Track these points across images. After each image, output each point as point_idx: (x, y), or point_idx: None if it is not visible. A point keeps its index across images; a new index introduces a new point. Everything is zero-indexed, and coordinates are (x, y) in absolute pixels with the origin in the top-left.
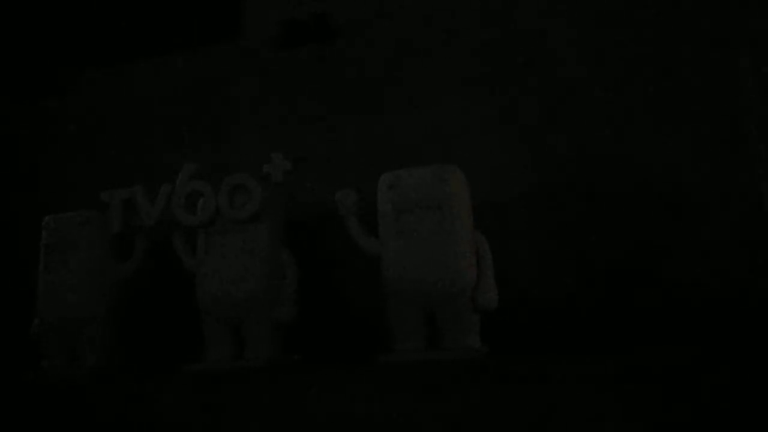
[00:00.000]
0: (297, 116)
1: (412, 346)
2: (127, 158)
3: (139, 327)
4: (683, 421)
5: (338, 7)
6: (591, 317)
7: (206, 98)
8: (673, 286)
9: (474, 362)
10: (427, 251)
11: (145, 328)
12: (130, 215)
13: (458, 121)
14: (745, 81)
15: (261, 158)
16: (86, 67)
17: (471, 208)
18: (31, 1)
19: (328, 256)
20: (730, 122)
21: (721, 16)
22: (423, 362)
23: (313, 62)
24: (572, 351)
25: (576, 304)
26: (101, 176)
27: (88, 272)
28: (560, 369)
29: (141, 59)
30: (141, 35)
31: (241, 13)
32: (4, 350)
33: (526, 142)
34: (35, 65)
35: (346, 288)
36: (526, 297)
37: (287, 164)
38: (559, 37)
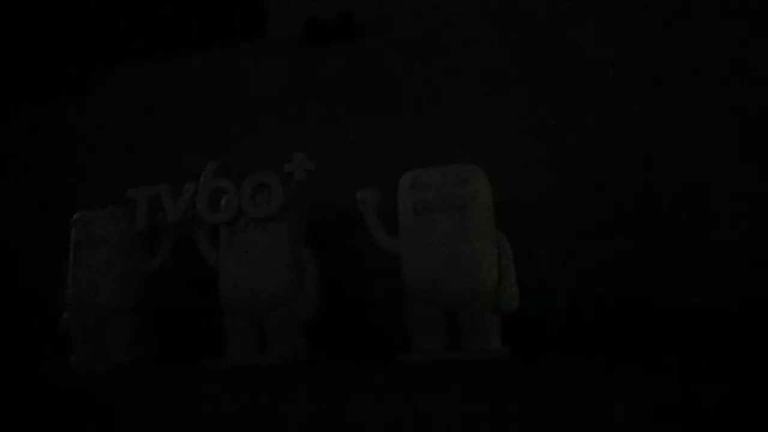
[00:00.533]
0: (319, 115)
1: (432, 346)
2: (150, 156)
3: (164, 321)
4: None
5: (361, 7)
6: (611, 318)
7: (229, 97)
8: (698, 288)
9: (494, 363)
10: (448, 251)
11: (170, 323)
12: (156, 212)
13: (479, 120)
14: None
15: (283, 157)
16: (108, 67)
17: (492, 208)
18: (57, 3)
19: (349, 254)
20: (758, 126)
21: (751, 17)
22: (442, 362)
23: (335, 61)
24: (592, 352)
25: (597, 306)
26: (126, 174)
27: (116, 267)
28: (579, 371)
29: (164, 59)
30: (164, 35)
31: (265, 13)
32: (31, 343)
33: (547, 143)
34: (58, 66)
35: (368, 286)
36: (548, 298)
37: (309, 163)
38: (580, 36)
